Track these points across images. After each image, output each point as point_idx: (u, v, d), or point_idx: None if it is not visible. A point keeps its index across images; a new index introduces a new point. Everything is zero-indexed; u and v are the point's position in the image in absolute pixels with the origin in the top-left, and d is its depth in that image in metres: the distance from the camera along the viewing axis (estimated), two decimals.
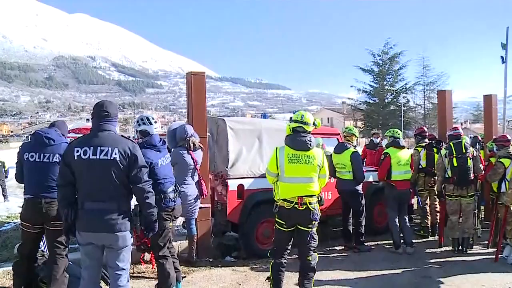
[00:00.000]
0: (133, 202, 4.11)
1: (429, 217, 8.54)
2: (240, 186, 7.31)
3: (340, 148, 7.82)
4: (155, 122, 5.37)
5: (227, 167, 7.35)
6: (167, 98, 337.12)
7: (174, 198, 5.14)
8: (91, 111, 4.22)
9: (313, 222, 4.87)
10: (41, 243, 5.35)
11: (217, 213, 7.75)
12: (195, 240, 6.77)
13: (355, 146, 7.97)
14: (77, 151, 3.88)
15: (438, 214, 8.30)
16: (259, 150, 7.71)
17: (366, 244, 7.68)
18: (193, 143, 6.35)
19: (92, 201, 3.86)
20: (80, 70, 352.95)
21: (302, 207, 4.80)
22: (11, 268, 5.33)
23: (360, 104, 44.73)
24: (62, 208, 4.04)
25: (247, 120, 9.40)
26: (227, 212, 7.33)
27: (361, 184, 7.72)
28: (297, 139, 4.93)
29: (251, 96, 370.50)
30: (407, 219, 7.66)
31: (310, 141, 4.94)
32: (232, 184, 7.28)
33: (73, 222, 3.96)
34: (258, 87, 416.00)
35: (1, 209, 12.23)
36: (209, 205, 7.28)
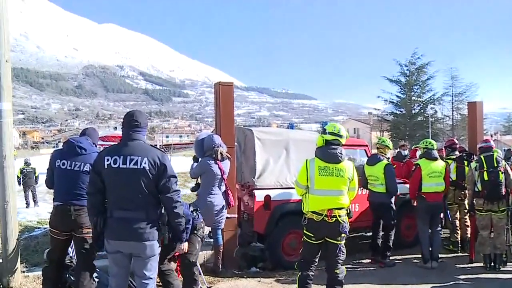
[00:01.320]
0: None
1: (459, 232, 8.34)
2: (267, 197, 7.29)
3: (373, 160, 7.71)
4: None
5: (254, 178, 7.34)
6: (194, 107, 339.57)
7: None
8: (121, 121, 4.25)
9: (342, 235, 4.83)
10: (70, 249, 5.42)
11: (243, 223, 7.73)
12: (221, 250, 6.76)
13: (388, 158, 7.85)
14: (107, 160, 3.92)
15: (469, 228, 8.11)
16: (286, 160, 7.68)
17: (392, 258, 7.56)
18: (221, 153, 6.36)
19: (121, 209, 3.89)
20: (108, 79, 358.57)
21: (332, 219, 4.76)
22: (41, 273, 5.42)
23: (387, 114, 44.22)
24: (92, 216, 4.09)
25: (274, 130, 9.38)
26: (254, 223, 7.31)
27: (394, 197, 7.60)
28: (328, 151, 4.90)
29: (277, 106, 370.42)
30: (440, 232, 7.52)
31: (341, 153, 4.90)
32: (259, 195, 7.26)
33: (102, 230, 4.00)
34: (284, 97, 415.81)
35: (31, 214, 12.40)
36: (236, 215, 7.28)
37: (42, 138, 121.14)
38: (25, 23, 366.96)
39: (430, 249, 7.34)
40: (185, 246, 4.64)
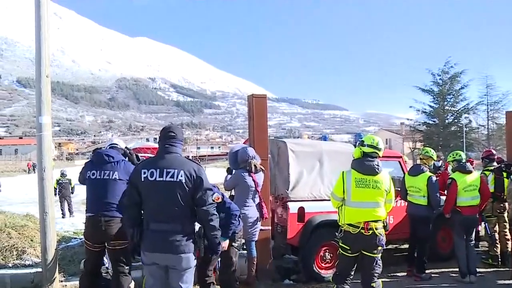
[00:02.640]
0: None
1: (499, 245, 8.09)
2: (301, 209, 7.26)
3: (415, 171, 7.52)
4: None
5: (287, 190, 7.33)
6: (225, 119, 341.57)
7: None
8: (153, 132, 4.34)
9: (379, 248, 4.78)
10: (106, 259, 5.49)
11: (276, 235, 7.71)
12: (255, 262, 6.75)
13: (431, 170, 7.68)
14: (144, 173, 3.98)
15: (509, 242, 7.88)
16: (320, 172, 7.64)
17: (428, 271, 7.40)
18: (255, 165, 6.37)
19: (157, 222, 3.93)
20: (140, 91, 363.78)
21: (368, 232, 4.72)
22: (78, 282, 5.52)
23: (420, 125, 43.56)
24: (128, 228, 4.15)
25: (307, 142, 9.36)
26: (287, 235, 7.28)
27: (434, 211, 7.41)
28: (365, 163, 4.87)
29: (307, 117, 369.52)
30: (472, 244, 7.33)
31: (378, 165, 4.87)
32: (293, 207, 7.24)
33: (138, 242, 4.05)
34: (315, 108, 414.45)
35: (67, 224, 12.65)
36: (269, 228, 7.27)
37: (77, 150, 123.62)
38: (61, 39, 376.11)
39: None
40: (225, 243, 4.68)
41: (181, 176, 3.90)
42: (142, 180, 3.98)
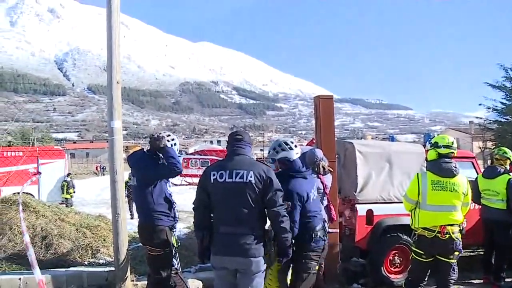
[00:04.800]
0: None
1: None
2: (369, 211, 7.10)
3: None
4: (295, 146, 4.79)
5: (355, 192, 7.19)
6: (287, 120, 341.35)
7: (324, 236, 4.67)
8: (217, 135, 4.37)
9: (456, 253, 4.59)
10: (174, 260, 5.57)
11: (344, 238, 7.58)
12: (323, 265, 6.65)
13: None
14: (214, 175, 3.99)
15: None
16: (388, 174, 7.45)
17: (508, 279, 7.00)
18: (323, 167, 6.28)
19: (227, 224, 3.93)
20: (204, 95, 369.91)
21: (445, 236, 4.53)
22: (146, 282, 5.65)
23: (490, 123, 41.58)
24: (198, 231, 4.18)
25: (375, 143, 9.19)
26: (355, 238, 7.15)
27: None
28: (442, 165, 4.69)
29: (371, 117, 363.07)
30: None
31: (455, 167, 4.68)
32: (361, 209, 7.10)
33: (207, 246, 4.07)
34: (378, 108, 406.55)
35: (135, 225, 13.02)
36: (337, 230, 7.14)
37: None
38: (128, 47, 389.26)
39: None
40: None
41: (251, 177, 3.89)
42: (212, 182, 4.00)
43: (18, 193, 10.18)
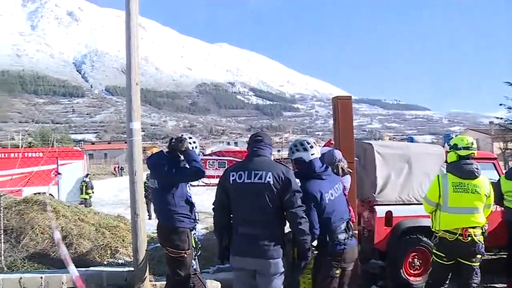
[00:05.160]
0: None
1: None
2: (389, 213, 7.05)
3: None
4: (311, 147, 4.57)
5: (374, 193, 7.14)
6: (304, 121, 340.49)
7: (344, 239, 4.38)
8: (234, 136, 4.35)
9: (478, 256, 4.52)
10: (193, 261, 5.58)
11: (363, 239, 7.53)
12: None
13: None
14: (233, 175, 4.00)
15: None
16: (408, 175, 7.38)
17: None
18: (342, 168, 6.24)
19: (245, 225, 3.93)
20: (220, 96, 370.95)
21: (467, 239, 4.46)
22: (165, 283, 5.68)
23: (511, 123, 41.10)
24: (217, 232, 4.19)
25: (394, 144, 9.12)
26: (374, 239, 7.10)
27: None
28: (463, 166, 4.62)
29: (388, 118, 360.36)
30: None
31: (477, 168, 4.61)
32: (380, 211, 7.04)
33: (227, 246, 4.07)
34: (396, 108, 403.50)
35: (153, 226, 13.08)
36: (356, 231, 7.09)
37: None
38: (145, 48, 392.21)
39: None
40: None
41: (269, 177, 3.88)
42: (231, 182, 4.01)
43: (39, 193, 10.31)
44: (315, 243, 4.30)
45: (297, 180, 4.12)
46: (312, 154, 4.52)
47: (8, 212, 8.02)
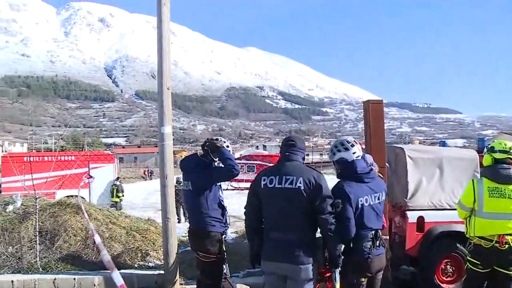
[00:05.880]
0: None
1: None
2: (420, 218, 6.93)
3: None
4: (352, 145, 4.38)
5: (406, 198, 7.03)
6: (333, 125, 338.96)
7: (370, 248, 4.16)
8: (262, 140, 4.32)
9: None
10: (224, 265, 5.59)
11: (394, 245, 7.42)
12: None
13: None
14: (264, 180, 3.99)
15: None
16: (440, 180, 7.25)
17: None
18: None
19: (276, 230, 3.91)
20: (249, 100, 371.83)
21: (504, 246, 4.33)
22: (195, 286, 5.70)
23: None
24: (249, 236, 4.19)
25: (426, 148, 8.97)
26: (406, 245, 6.98)
27: None
28: (499, 171, 4.50)
29: (418, 122, 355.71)
30: None
31: None
32: (412, 216, 6.93)
33: (258, 250, 4.06)
34: (426, 112, 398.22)
35: (183, 229, 13.13)
36: (387, 237, 7.01)
37: None
38: (175, 53, 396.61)
39: None
40: None
41: (300, 183, 3.85)
42: (262, 187, 4.00)
43: (71, 196, 10.50)
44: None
45: (328, 184, 4.04)
46: (354, 153, 4.35)
47: (43, 214, 8.19)
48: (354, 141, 4.43)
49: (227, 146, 5.31)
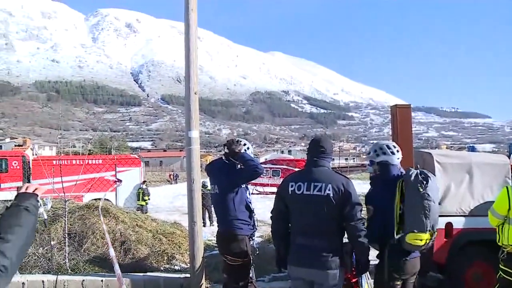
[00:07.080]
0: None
1: None
2: (449, 224, 6.80)
3: None
4: (398, 151, 4.47)
5: None
6: (359, 130, 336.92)
7: (400, 252, 4.21)
8: (288, 144, 4.28)
9: None
10: (250, 269, 5.59)
11: (421, 251, 7.32)
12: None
13: None
14: (291, 186, 3.96)
15: None
16: (469, 186, 7.12)
17: None
18: None
19: (304, 236, 3.89)
20: (274, 104, 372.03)
21: None
22: None
23: None
24: (275, 241, 4.18)
25: (455, 153, 8.80)
26: (433, 251, 6.88)
27: None
28: None
29: (445, 126, 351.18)
30: None
31: None
32: (440, 222, 6.79)
33: (284, 256, 4.05)
34: (453, 116, 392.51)
35: (208, 233, 13.20)
36: None
37: None
38: (200, 58, 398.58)
39: None
40: None
41: (329, 190, 3.81)
42: (289, 193, 3.97)
43: (99, 199, 10.65)
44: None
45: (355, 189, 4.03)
46: (398, 159, 4.45)
47: (72, 217, 8.34)
48: (398, 148, 4.52)
49: (247, 148, 5.27)
